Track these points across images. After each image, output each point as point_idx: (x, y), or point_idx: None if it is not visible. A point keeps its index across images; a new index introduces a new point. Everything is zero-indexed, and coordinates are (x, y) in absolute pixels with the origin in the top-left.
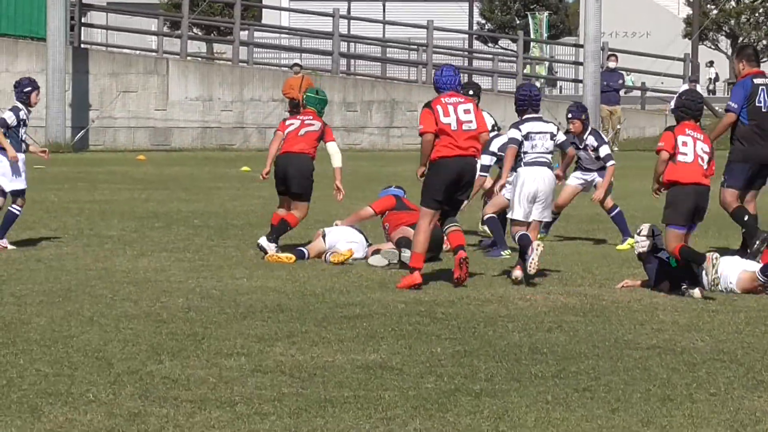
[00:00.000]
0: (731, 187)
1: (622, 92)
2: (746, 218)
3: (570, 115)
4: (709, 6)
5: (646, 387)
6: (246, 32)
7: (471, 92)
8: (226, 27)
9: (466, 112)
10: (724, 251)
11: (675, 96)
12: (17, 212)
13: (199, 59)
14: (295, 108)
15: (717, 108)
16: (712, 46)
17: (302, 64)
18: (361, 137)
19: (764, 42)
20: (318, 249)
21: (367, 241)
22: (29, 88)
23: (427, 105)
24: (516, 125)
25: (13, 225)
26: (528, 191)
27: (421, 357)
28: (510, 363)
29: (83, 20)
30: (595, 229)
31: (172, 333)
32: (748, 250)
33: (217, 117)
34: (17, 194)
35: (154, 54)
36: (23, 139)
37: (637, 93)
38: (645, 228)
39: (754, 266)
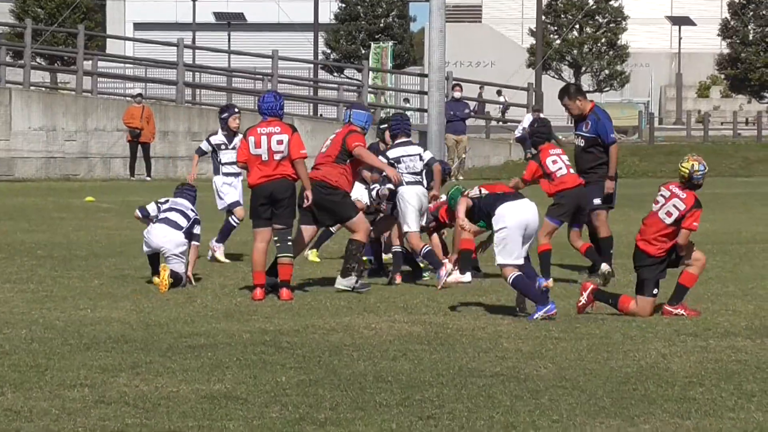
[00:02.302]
0: (610, 208)
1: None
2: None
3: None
4: (552, 36)
5: (489, 414)
6: (90, 62)
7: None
8: (70, 57)
9: (279, 143)
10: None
11: (519, 125)
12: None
13: (43, 89)
14: (136, 137)
15: (561, 138)
16: (556, 76)
17: (144, 94)
18: (207, 167)
19: (606, 72)
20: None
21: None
22: (225, 114)
23: (244, 134)
24: (384, 153)
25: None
26: (413, 205)
27: (266, 386)
28: (355, 392)
29: None
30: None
31: (15, 365)
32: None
33: (61, 147)
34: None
35: None
36: (221, 162)
37: (482, 122)
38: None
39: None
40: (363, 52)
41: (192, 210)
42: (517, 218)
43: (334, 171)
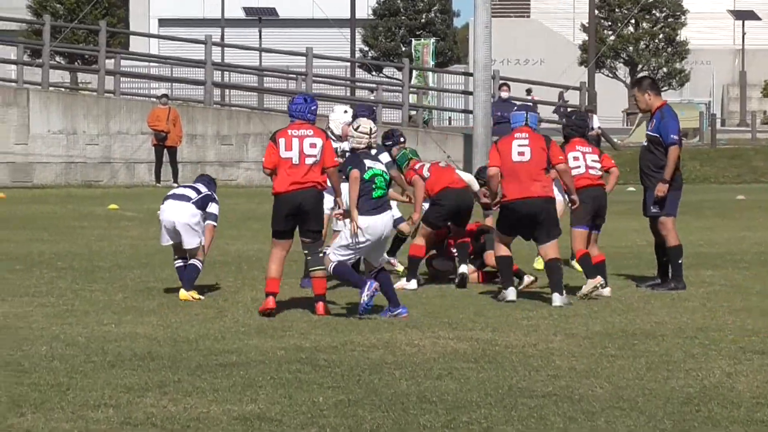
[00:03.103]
0: (672, 215)
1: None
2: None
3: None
4: (606, 32)
5: None
6: (112, 60)
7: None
8: (91, 55)
9: (312, 146)
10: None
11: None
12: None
13: (63, 90)
14: (161, 141)
15: (616, 140)
16: (610, 74)
17: (170, 95)
18: (237, 173)
19: (665, 70)
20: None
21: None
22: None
23: (272, 137)
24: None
25: None
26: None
27: (302, 407)
28: (397, 413)
29: None
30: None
31: (35, 384)
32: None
33: (82, 151)
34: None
35: (13, 84)
36: None
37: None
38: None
39: None
40: (403, 49)
41: (206, 189)
42: (369, 234)
43: (549, 182)
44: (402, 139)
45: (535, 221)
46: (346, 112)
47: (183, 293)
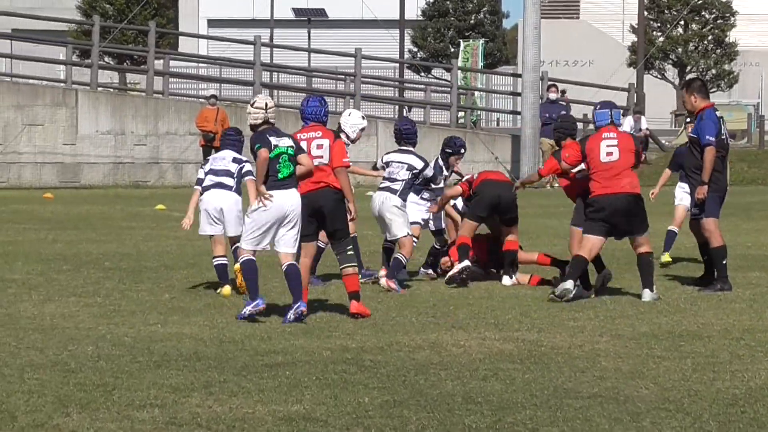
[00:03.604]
0: (712, 216)
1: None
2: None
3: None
4: (655, 33)
5: None
6: (161, 61)
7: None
8: (140, 55)
9: (319, 147)
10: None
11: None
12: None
13: (111, 90)
14: (210, 141)
15: (664, 142)
16: (659, 76)
17: (219, 96)
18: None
19: (713, 71)
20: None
21: None
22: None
23: None
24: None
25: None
26: (372, 210)
27: (348, 408)
28: (442, 413)
29: None
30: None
31: (81, 383)
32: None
33: (130, 152)
34: None
35: (62, 84)
36: None
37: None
38: None
39: None
40: (452, 50)
41: (234, 160)
42: (274, 210)
43: (636, 179)
44: (463, 150)
45: (624, 216)
46: (363, 117)
47: (240, 280)
